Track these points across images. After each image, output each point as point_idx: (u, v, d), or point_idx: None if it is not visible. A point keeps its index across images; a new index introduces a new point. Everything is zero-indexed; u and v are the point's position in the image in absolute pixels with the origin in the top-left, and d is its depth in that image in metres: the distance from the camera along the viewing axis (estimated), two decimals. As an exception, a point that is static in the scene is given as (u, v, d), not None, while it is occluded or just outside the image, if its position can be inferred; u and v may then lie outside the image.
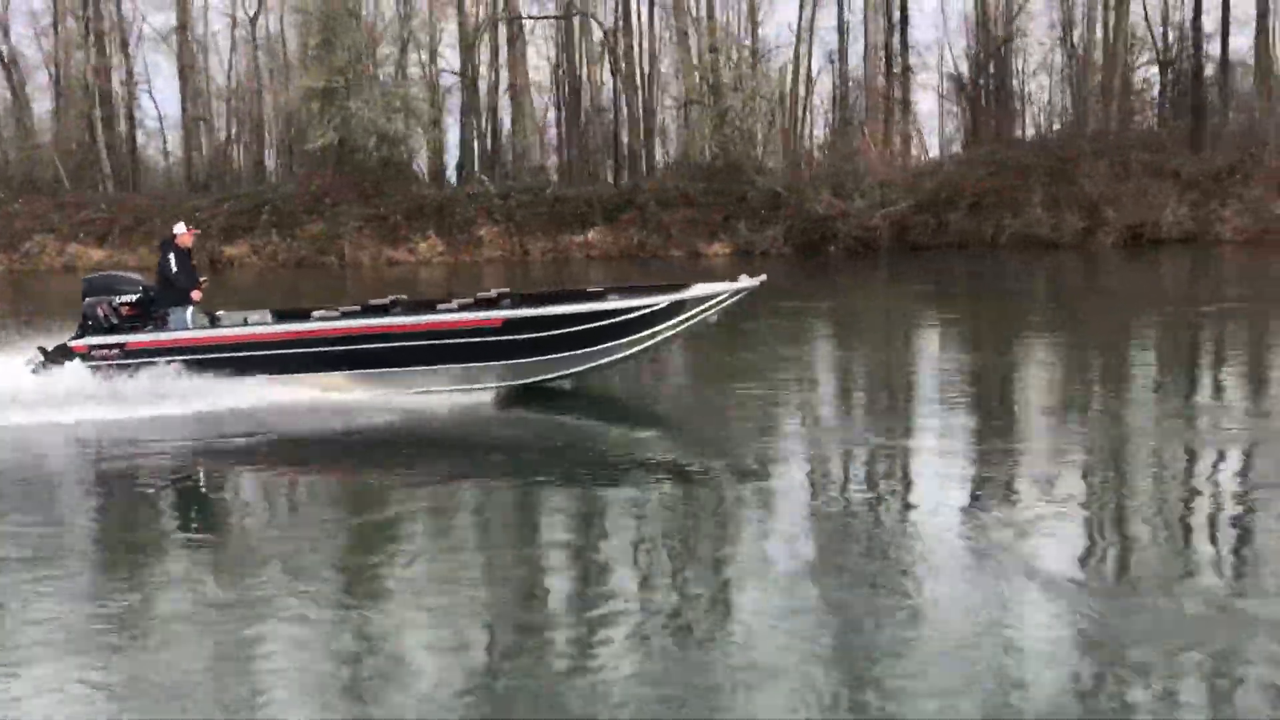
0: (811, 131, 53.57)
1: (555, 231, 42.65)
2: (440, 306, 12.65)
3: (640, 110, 48.78)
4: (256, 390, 12.03)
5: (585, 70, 52.36)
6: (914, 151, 48.26)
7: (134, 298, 13.04)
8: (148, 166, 59.03)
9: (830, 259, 37.97)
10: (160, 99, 79.36)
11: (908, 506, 7.90)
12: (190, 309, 12.85)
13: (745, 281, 11.93)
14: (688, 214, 41.98)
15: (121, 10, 54.35)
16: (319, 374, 12.34)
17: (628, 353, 12.36)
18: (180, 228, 13.24)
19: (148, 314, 13.09)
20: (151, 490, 9.18)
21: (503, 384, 12.52)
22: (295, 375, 12.30)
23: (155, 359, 12.41)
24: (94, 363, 12.51)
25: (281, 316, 13.31)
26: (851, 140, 43.36)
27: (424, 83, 48.43)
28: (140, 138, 58.22)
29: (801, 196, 39.86)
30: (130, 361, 12.41)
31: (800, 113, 53.47)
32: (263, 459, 10.28)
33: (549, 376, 12.60)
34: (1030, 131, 53.06)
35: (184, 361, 12.35)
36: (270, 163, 51.75)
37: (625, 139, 49.60)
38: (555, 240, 42.55)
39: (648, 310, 11.97)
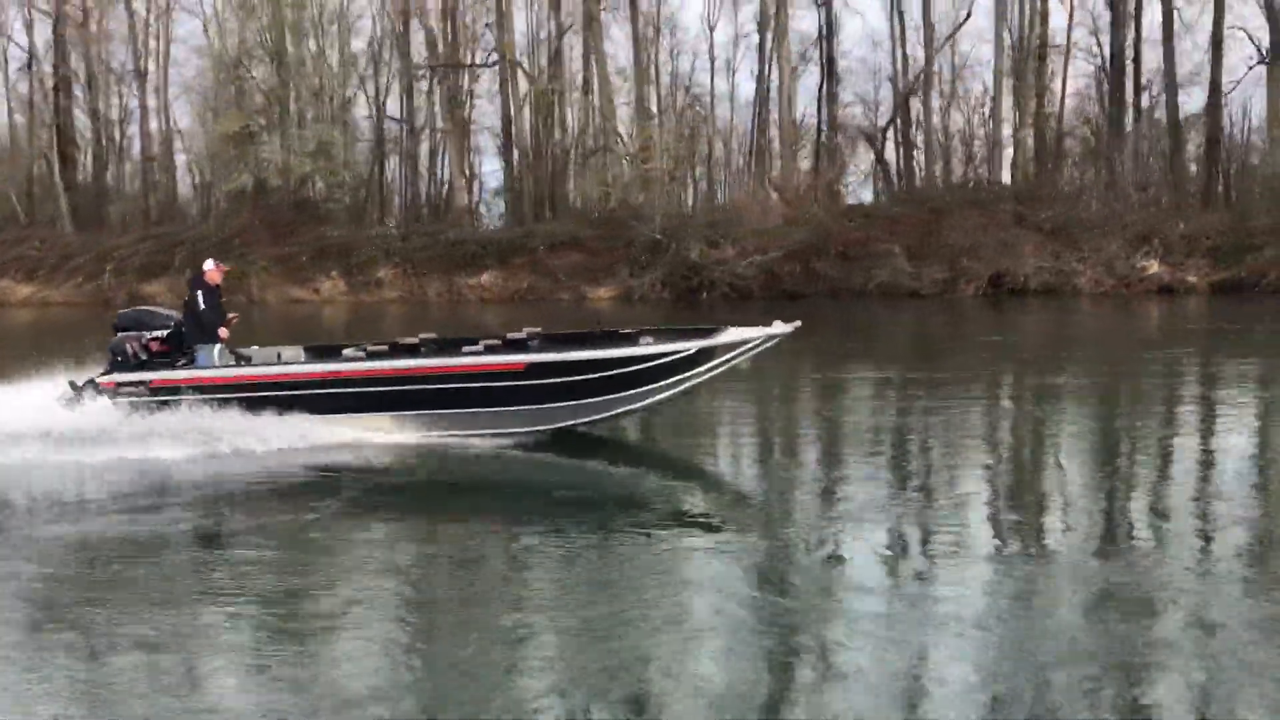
0: (724, 178, 54.89)
1: (451, 273, 44.34)
2: (465, 348, 12.38)
3: (549, 155, 50.43)
4: (275, 431, 11.86)
5: (513, 114, 54.11)
6: (848, 200, 49.60)
7: (164, 333, 12.98)
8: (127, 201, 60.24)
9: (704, 304, 39.34)
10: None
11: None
12: (217, 347, 12.72)
13: (778, 328, 11.58)
14: (577, 259, 43.56)
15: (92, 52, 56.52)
16: (343, 415, 12.09)
17: (654, 399, 12.04)
18: (209, 264, 13.08)
19: (180, 350, 12.97)
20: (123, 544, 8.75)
21: (529, 430, 12.11)
22: (319, 416, 12.06)
23: (177, 398, 12.23)
24: (120, 399, 12.33)
25: (316, 353, 13.25)
26: (757, 189, 44.80)
27: (342, 126, 50.25)
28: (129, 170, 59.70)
29: (680, 243, 41.33)
30: (154, 399, 12.26)
31: (710, 159, 54.78)
32: (265, 503, 10.06)
33: (575, 422, 12.21)
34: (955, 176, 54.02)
35: (203, 400, 12.13)
36: (202, 201, 53.62)
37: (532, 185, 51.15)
38: (451, 282, 44.24)
39: (675, 356, 11.67)
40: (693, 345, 11.71)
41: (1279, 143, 41.35)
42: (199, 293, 12.64)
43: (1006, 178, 46.27)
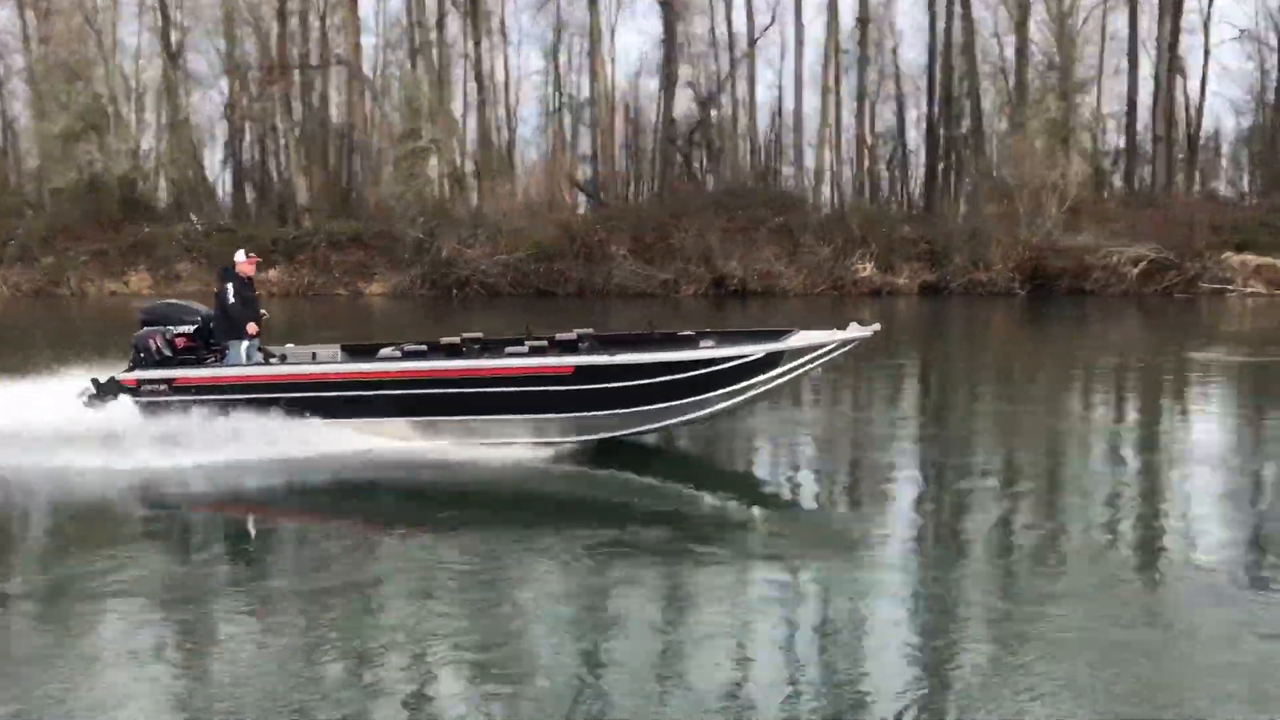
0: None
1: (243, 268, 47.48)
2: (509, 349, 11.60)
3: (360, 156, 53.44)
4: (304, 436, 11.23)
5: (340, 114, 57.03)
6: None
7: (191, 329, 12.40)
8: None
9: (455, 302, 42.23)
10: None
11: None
12: (247, 343, 12.04)
13: (855, 331, 10.72)
14: (358, 256, 46.57)
15: None
16: (373, 419, 11.43)
17: (715, 409, 11.14)
18: (240, 255, 12.41)
19: (207, 347, 12.41)
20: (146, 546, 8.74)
21: (574, 440, 11.30)
22: (347, 420, 11.41)
23: (200, 398, 11.59)
24: (142, 399, 11.77)
25: (352, 352, 12.56)
26: (505, 190, 47.49)
27: (168, 126, 53.52)
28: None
29: (441, 242, 44.23)
30: (175, 399, 11.67)
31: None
32: (284, 509, 9.83)
33: (624, 432, 11.36)
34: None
35: (220, 404, 11.45)
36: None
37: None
38: (242, 276, 47.37)
39: (739, 361, 10.73)
40: (759, 349, 10.76)
41: (1003, 154, 43.38)
42: (229, 285, 11.96)
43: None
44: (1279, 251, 37.29)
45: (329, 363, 12.06)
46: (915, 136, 53.79)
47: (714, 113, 52.15)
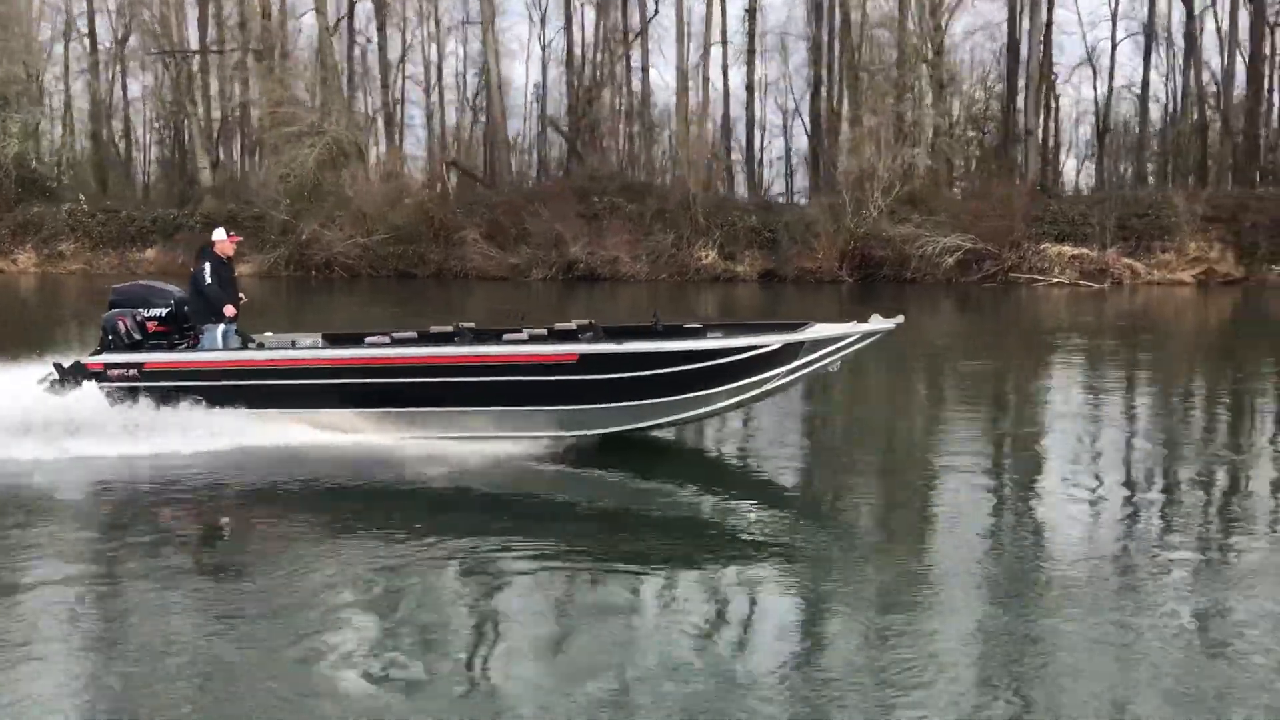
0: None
1: (124, 248, 48.86)
2: (507, 336, 10.97)
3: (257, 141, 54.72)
4: (282, 427, 10.77)
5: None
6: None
7: (163, 312, 11.79)
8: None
9: (313, 284, 43.45)
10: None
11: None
12: (222, 327, 11.39)
13: (877, 323, 10.08)
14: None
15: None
16: (350, 410, 10.81)
17: (727, 403, 10.62)
18: (220, 234, 11.79)
19: (180, 331, 11.84)
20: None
21: (574, 434, 10.72)
22: (326, 411, 10.79)
23: (174, 384, 10.96)
24: (109, 384, 11.14)
25: (334, 341, 11.85)
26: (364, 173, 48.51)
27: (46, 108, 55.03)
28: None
29: (303, 223, 45.43)
30: (146, 385, 11.02)
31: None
32: (249, 507, 9.19)
33: (630, 427, 10.78)
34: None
35: (195, 390, 10.90)
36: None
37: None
38: (123, 256, 48.74)
39: (756, 353, 10.16)
40: (777, 339, 10.23)
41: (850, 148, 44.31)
42: (205, 265, 11.40)
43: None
44: (1093, 243, 38.14)
45: (312, 349, 11.46)
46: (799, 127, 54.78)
47: (594, 102, 53.11)
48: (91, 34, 58.29)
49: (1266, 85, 48.77)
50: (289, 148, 48.44)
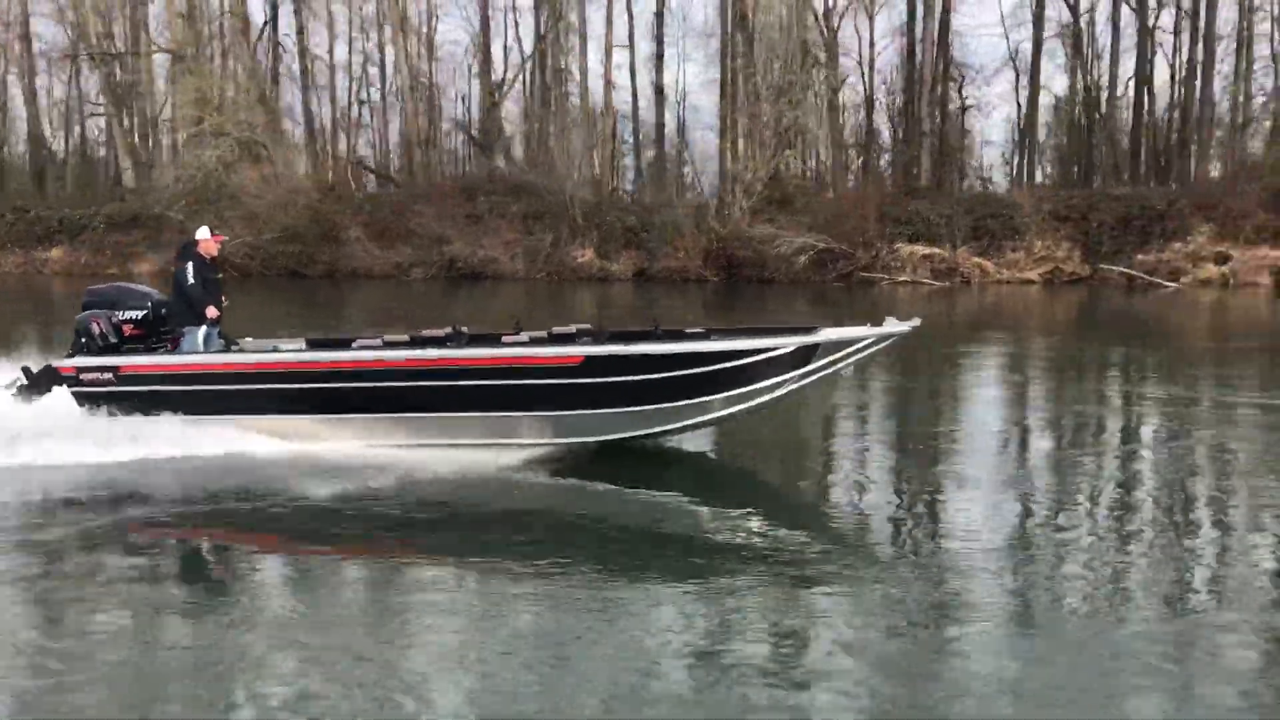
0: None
1: (29, 247, 50.08)
2: (506, 338, 10.60)
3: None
4: (266, 433, 10.33)
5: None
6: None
7: (139, 315, 11.30)
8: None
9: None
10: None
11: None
12: (204, 330, 10.93)
13: (893, 326, 9.74)
14: (134, 236, 49.04)
15: None
16: (341, 416, 10.33)
17: (737, 408, 10.17)
18: (204, 232, 11.34)
19: (157, 335, 11.36)
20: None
21: (575, 440, 10.26)
22: (315, 417, 10.35)
23: (150, 389, 10.50)
24: (82, 389, 10.68)
25: (317, 347, 11.33)
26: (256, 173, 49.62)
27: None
28: None
29: (196, 224, 46.52)
30: (123, 390, 10.56)
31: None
32: (236, 520, 8.75)
33: (635, 434, 10.32)
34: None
35: (174, 395, 10.44)
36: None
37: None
38: (28, 255, 49.96)
39: (770, 355, 9.80)
40: (792, 341, 9.85)
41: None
42: (188, 264, 10.95)
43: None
44: (945, 242, 39.22)
45: (301, 351, 11.02)
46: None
47: (500, 103, 54.20)
48: (26, 36, 59.37)
49: (1147, 90, 49.74)
50: (192, 149, 49.69)
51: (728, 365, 9.82)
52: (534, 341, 10.45)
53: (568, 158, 45.07)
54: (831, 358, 9.91)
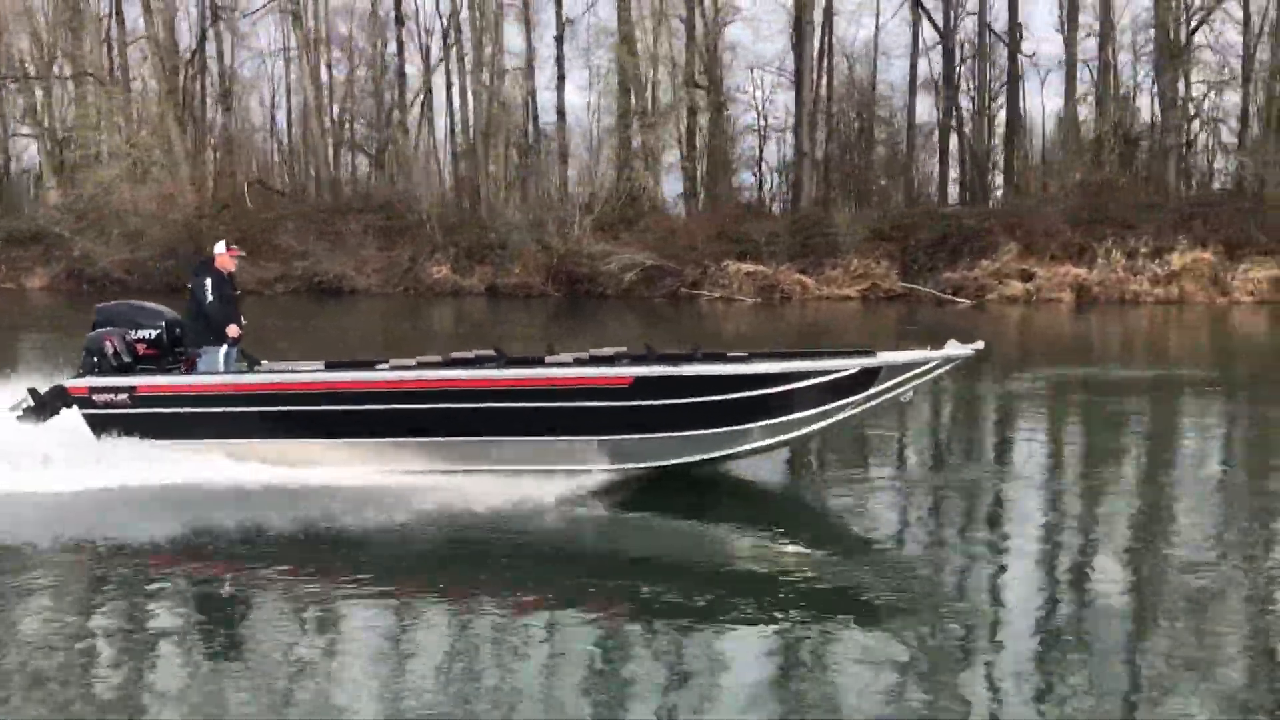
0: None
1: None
2: (549, 360, 10.25)
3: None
4: (292, 457, 9.89)
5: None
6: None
7: (153, 334, 10.88)
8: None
9: (85, 297, 46.56)
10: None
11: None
12: (224, 349, 10.53)
13: (955, 349, 9.49)
14: (33, 252, 51.13)
15: None
16: (373, 440, 9.90)
17: (792, 434, 9.84)
18: (220, 247, 10.96)
19: (172, 356, 10.88)
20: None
21: (623, 466, 9.87)
22: (345, 440, 9.92)
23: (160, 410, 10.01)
24: (95, 410, 10.25)
25: (336, 370, 10.81)
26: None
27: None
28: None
29: (80, 240, 48.64)
30: (140, 411, 10.11)
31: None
32: (254, 551, 8.44)
33: (687, 460, 9.90)
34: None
35: (194, 417, 10.02)
36: None
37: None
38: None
39: (831, 377, 9.44)
40: (852, 364, 9.49)
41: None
42: (206, 281, 10.56)
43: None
44: (770, 260, 40.60)
45: (329, 371, 10.60)
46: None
47: (391, 122, 56.02)
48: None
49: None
50: (83, 168, 51.88)
51: (786, 388, 9.46)
52: (578, 363, 10.11)
53: (427, 176, 46.68)
54: (895, 380, 9.57)
